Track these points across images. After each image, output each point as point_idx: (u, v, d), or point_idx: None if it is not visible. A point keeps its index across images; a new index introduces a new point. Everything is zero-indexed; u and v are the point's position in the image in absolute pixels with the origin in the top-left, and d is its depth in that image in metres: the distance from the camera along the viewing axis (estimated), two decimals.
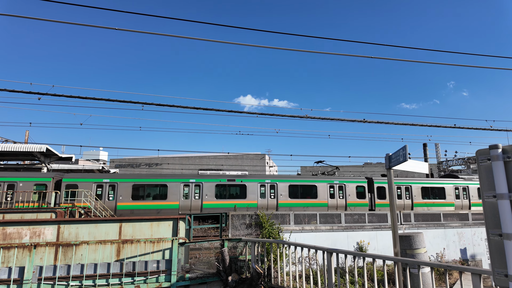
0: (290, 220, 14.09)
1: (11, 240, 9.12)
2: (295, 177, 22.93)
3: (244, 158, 49.40)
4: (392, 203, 8.27)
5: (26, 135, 33.68)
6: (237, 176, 21.42)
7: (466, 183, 24.33)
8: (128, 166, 48.56)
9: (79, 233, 9.60)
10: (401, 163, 6.98)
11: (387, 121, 16.29)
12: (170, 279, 9.22)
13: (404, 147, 6.78)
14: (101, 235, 9.70)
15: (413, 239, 8.96)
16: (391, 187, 8.31)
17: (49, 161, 24.89)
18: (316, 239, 13.22)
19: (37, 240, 9.22)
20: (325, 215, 14.99)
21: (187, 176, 20.50)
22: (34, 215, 12.57)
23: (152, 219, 10.25)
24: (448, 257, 15.21)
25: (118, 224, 9.93)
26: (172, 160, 48.35)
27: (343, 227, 14.73)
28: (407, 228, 15.56)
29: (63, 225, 9.59)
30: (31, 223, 9.50)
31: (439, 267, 6.43)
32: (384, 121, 16.23)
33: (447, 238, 15.79)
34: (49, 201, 17.90)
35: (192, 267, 9.96)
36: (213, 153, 44.17)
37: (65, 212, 14.44)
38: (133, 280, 9.04)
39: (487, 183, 3.18)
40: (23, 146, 23.04)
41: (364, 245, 14.25)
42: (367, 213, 15.63)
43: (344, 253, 7.12)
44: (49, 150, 22.55)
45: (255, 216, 13.68)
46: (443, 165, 44.74)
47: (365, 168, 50.99)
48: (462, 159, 42.30)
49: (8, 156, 24.46)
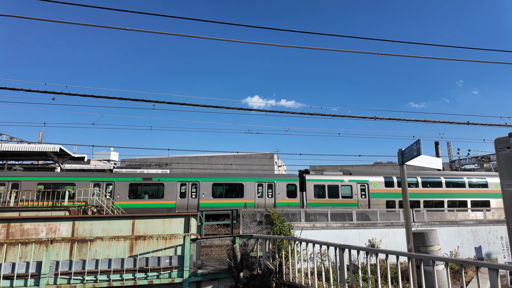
0: (301, 217, 14.06)
1: (28, 236, 9.36)
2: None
3: (253, 158, 49.44)
4: (406, 199, 8.18)
5: (40, 135, 34.45)
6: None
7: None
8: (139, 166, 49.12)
9: (93, 229, 9.79)
10: (415, 157, 6.90)
11: (398, 118, 16.12)
12: (182, 274, 9.31)
13: (418, 141, 6.70)
14: (115, 232, 9.86)
15: (427, 236, 8.83)
16: (404, 183, 8.22)
17: (62, 161, 25.42)
18: (327, 237, 13.14)
19: (53, 236, 9.43)
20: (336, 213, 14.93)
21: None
22: (49, 213, 12.85)
23: (164, 215, 10.37)
24: (463, 255, 14.94)
25: (131, 221, 10.07)
26: (181, 160, 48.70)
27: (355, 224, 14.63)
28: (419, 226, 15.35)
29: (77, 222, 9.79)
30: (47, 220, 9.72)
31: (455, 263, 6.34)
32: (396, 118, 16.06)
33: (461, 236, 15.52)
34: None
35: (204, 263, 10.04)
36: (222, 152, 44.39)
37: (79, 210, 14.74)
38: (146, 276, 9.16)
39: (507, 172, 3.12)
40: (37, 146, 23.59)
41: (376, 242, 14.12)
42: (378, 211, 15.48)
43: (357, 249, 7.07)
44: (62, 150, 23.04)
45: (265, 213, 13.71)
46: (455, 163, 43.94)
47: (375, 168, 50.44)
48: (475, 157, 41.47)
49: (23, 156, 25.06)
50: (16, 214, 12.21)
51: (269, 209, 13.70)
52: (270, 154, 49.81)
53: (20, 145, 23.64)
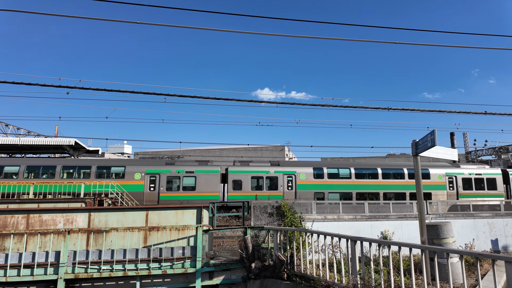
0: (312, 209, 14.06)
1: (47, 226, 9.69)
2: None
3: (264, 150, 49.45)
4: (419, 191, 8.05)
5: (56, 129, 35.30)
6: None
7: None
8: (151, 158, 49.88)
9: (108, 220, 10.05)
10: (429, 148, 6.75)
11: (412, 108, 15.76)
12: (195, 265, 9.48)
13: (433, 131, 6.54)
14: (129, 223, 10.10)
15: (441, 228, 8.67)
16: (418, 175, 8.08)
17: (78, 154, 26.02)
18: (339, 229, 13.13)
19: (70, 226, 9.73)
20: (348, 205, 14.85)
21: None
22: (66, 205, 13.24)
23: (177, 207, 10.53)
24: (478, 248, 14.67)
25: (145, 212, 10.29)
26: (193, 152, 49.17)
27: (367, 216, 14.52)
28: (433, 218, 15.12)
29: (93, 213, 10.07)
30: (64, 211, 10.03)
31: (470, 256, 6.22)
32: (410, 108, 15.69)
33: (477, 229, 15.21)
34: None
35: (216, 254, 10.18)
36: (233, 145, 44.56)
37: (94, 201, 15.11)
38: (160, 266, 9.37)
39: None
40: (54, 140, 24.20)
41: (389, 234, 14.00)
42: (391, 203, 15.31)
43: (369, 241, 7.02)
44: (78, 144, 23.55)
45: (276, 205, 13.74)
46: (471, 155, 42.84)
47: (388, 159, 49.72)
48: (492, 148, 40.30)
49: (40, 150, 25.76)
50: (35, 206, 12.62)
51: (280, 201, 13.72)
52: (281, 146, 49.70)
53: (37, 139, 24.31)
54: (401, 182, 21.86)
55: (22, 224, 9.60)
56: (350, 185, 21.25)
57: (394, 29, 8.55)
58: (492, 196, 21.70)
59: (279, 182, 20.62)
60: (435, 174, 22.18)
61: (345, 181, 21.28)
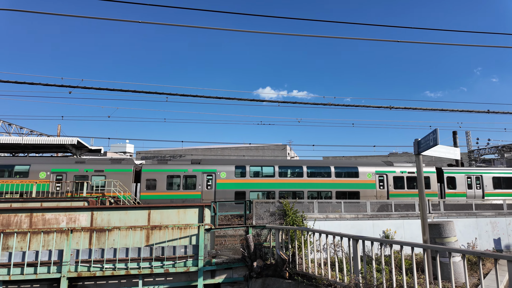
0: (314, 208, 14.05)
1: (50, 225, 9.74)
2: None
3: (266, 149, 49.48)
4: (421, 190, 8.03)
5: (58, 128, 35.43)
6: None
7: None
8: (153, 158, 50.02)
9: (110, 219, 10.09)
10: (431, 147, 6.73)
11: (414, 107, 15.71)
12: (197, 263, 9.51)
13: (435, 130, 6.52)
14: (131, 222, 10.14)
15: (443, 228, 8.67)
16: (420, 174, 8.06)
17: (80, 153, 26.11)
18: (340, 227, 13.11)
19: (73, 225, 9.78)
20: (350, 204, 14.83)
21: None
22: (69, 204, 13.30)
23: (179, 206, 10.57)
24: (481, 247, 14.61)
25: (147, 211, 10.32)
26: (195, 151, 49.25)
27: (369, 215, 14.50)
28: (436, 217, 15.08)
29: (96, 212, 10.11)
30: (67, 210, 10.08)
31: (472, 255, 6.21)
32: (412, 107, 15.65)
33: (479, 228, 15.16)
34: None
35: (218, 252, 10.21)
36: (235, 144, 44.59)
37: (96, 201, 15.19)
38: (162, 264, 9.41)
39: None
40: (56, 139, 24.29)
41: (391, 233, 13.98)
42: (393, 202, 15.27)
43: (370, 240, 7.02)
44: (80, 143, 23.62)
45: (278, 204, 13.76)
46: (474, 154, 42.65)
47: (390, 158, 49.60)
48: (495, 147, 40.11)
49: (43, 149, 25.87)
50: (38, 205, 12.69)
51: (282, 200, 13.73)
52: (282, 145, 49.69)
53: (40, 138, 24.39)
54: (327, 180, 20.95)
55: (25, 223, 9.66)
56: (274, 183, 20.28)
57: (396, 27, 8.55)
58: (426, 195, 20.94)
59: (198, 181, 19.52)
60: (364, 173, 21.30)
61: (269, 179, 20.28)
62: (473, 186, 22.38)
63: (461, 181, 22.24)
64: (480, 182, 22.52)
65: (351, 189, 20.91)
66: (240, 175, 20.43)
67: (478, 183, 22.50)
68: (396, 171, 21.72)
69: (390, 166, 22.21)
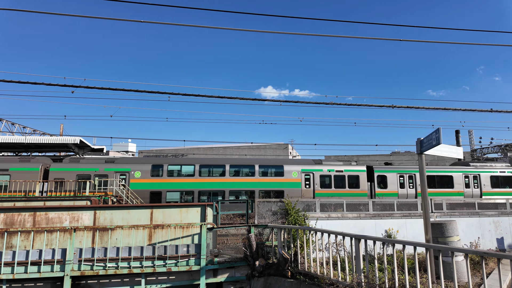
0: (316, 208, 14.05)
1: (53, 224, 9.79)
2: None
3: (267, 148, 49.48)
4: (424, 189, 8.01)
5: (61, 128, 35.58)
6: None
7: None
8: (155, 157, 50.15)
9: (113, 218, 10.12)
10: (434, 147, 6.71)
11: (417, 106, 15.66)
12: (199, 262, 9.54)
13: (438, 130, 6.50)
14: (134, 221, 10.17)
15: (446, 227, 8.63)
16: (423, 174, 8.03)
17: (83, 152, 26.21)
18: (342, 227, 13.10)
19: (76, 224, 9.83)
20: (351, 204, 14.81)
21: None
22: (71, 203, 13.37)
23: (181, 205, 10.59)
24: (483, 247, 14.56)
25: (149, 210, 10.35)
26: (197, 150, 49.33)
27: (371, 214, 14.47)
28: (438, 216, 15.03)
29: (98, 211, 10.15)
30: (70, 209, 10.13)
31: (475, 254, 6.19)
32: (414, 106, 15.59)
33: (482, 227, 15.10)
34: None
35: (220, 251, 10.23)
36: (237, 143, 44.61)
37: (99, 200, 15.25)
38: (165, 263, 9.44)
39: None
40: (59, 139, 24.38)
41: (393, 233, 13.95)
42: (396, 201, 15.24)
43: (373, 239, 7.01)
44: (83, 142, 23.69)
45: (280, 203, 13.76)
46: (477, 152, 42.47)
47: (392, 157, 49.48)
48: (498, 146, 39.91)
49: (46, 148, 25.97)
50: (41, 204, 12.76)
51: (284, 200, 13.73)
52: (284, 144, 49.67)
53: (43, 137, 24.48)
54: (251, 179, 20.21)
55: (29, 222, 9.71)
56: (193, 183, 19.43)
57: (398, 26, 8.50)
58: (355, 194, 20.25)
59: (109, 181, 18.70)
60: (290, 171, 20.64)
61: (188, 179, 19.44)
62: (405, 185, 21.74)
63: (393, 180, 21.60)
64: (413, 181, 21.92)
65: (275, 188, 20.20)
66: (156, 175, 19.66)
67: (411, 182, 21.88)
68: (323, 170, 21.04)
69: (319, 164, 21.56)
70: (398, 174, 21.89)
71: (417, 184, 21.65)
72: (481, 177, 22.31)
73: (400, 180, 21.78)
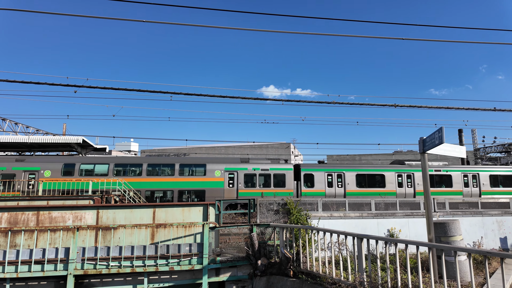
0: (318, 207, 14.04)
1: (56, 223, 9.84)
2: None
3: (269, 147, 49.49)
4: (427, 189, 7.99)
5: (64, 127, 35.73)
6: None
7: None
8: (158, 156, 50.27)
9: (116, 217, 10.17)
10: (437, 146, 6.69)
11: (420, 105, 15.59)
12: (202, 261, 9.56)
13: (440, 129, 6.48)
14: (136, 220, 10.21)
15: (448, 226, 8.60)
16: (425, 173, 8.01)
17: (85, 152, 26.32)
18: (345, 226, 13.09)
19: (79, 223, 9.88)
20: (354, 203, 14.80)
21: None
22: (74, 202, 13.43)
23: (184, 204, 10.61)
24: (487, 246, 14.50)
25: (152, 209, 10.38)
26: (199, 150, 49.42)
27: (373, 214, 14.45)
28: (441, 216, 14.98)
29: (101, 210, 10.19)
30: (73, 208, 10.18)
31: (478, 254, 6.16)
32: (417, 105, 15.53)
33: (485, 227, 15.04)
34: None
35: (223, 251, 10.25)
36: (239, 142, 44.64)
37: (101, 199, 15.31)
38: (167, 262, 9.47)
39: None
40: (62, 138, 24.49)
41: (395, 232, 13.92)
42: (398, 200, 15.21)
43: (375, 238, 7.00)
44: (85, 142, 23.79)
45: (282, 203, 13.77)
46: (480, 152, 42.27)
47: (395, 156, 49.33)
48: (502, 145, 39.71)
49: (49, 148, 26.10)
50: (45, 203, 12.83)
51: (286, 199, 13.74)
52: (286, 143, 49.66)
53: (46, 137, 24.61)
54: (169, 179, 19.46)
55: (33, 221, 9.77)
56: (107, 183, 18.45)
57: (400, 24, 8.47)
58: (280, 193, 19.59)
59: (17, 181, 17.79)
60: (212, 170, 20.03)
61: (101, 178, 18.59)
62: (334, 184, 21.51)
63: (320, 179, 21.27)
64: (342, 180, 21.67)
65: (195, 188, 19.53)
66: (68, 174, 19.07)
67: (340, 181, 21.66)
68: (248, 169, 20.49)
69: (245, 163, 21.01)
70: (326, 173, 21.54)
71: (346, 183, 21.45)
72: (415, 176, 22.16)
73: (328, 179, 21.45)
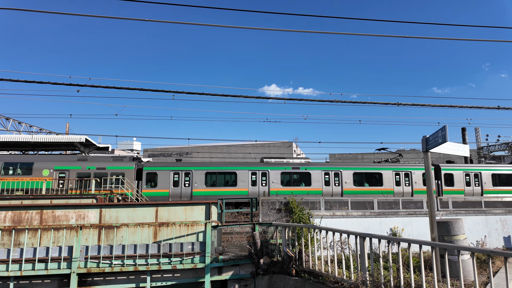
0: (321, 206, 14.02)
1: (60, 222, 9.90)
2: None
3: (271, 146, 49.48)
4: (430, 187, 7.95)
5: (67, 127, 35.88)
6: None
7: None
8: (160, 155, 50.40)
9: (119, 216, 10.21)
10: (440, 144, 6.65)
11: (423, 104, 15.50)
12: (204, 260, 9.58)
13: (444, 127, 6.44)
14: (139, 219, 10.25)
15: (452, 225, 8.56)
16: (428, 171, 7.98)
17: (88, 151, 26.42)
18: (347, 225, 13.06)
19: (82, 222, 9.93)
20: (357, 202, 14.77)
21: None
22: (77, 200, 13.50)
23: (186, 203, 10.64)
24: (490, 245, 14.41)
25: (155, 208, 10.42)
26: (201, 149, 49.47)
27: (376, 213, 14.42)
28: (444, 214, 14.92)
29: (104, 209, 10.24)
30: (76, 207, 10.23)
31: (481, 253, 6.14)
32: (420, 104, 15.44)
33: (489, 226, 14.95)
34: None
35: (225, 249, 10.27)
36: (241, 141, 44.66)
37: (105, 198, 15.38)
38: (170, 261, 9.50)
39: None
40: (65, 137, 24.59)
41: (398, 231, 13.87)
42: (401, 199, 15.16)
43: (378, 237, 6.99)
44: (88, 141, 23.87)
45: (284, 202, 13.77)
46: (483, 150, 42.04)
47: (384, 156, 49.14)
48: (505, 143, 39.47)
49: (52, 147, 26.22)
50: (48, 202, 12.90)
51: (288, 198, 13.72)
52: (288, 142, 49.61)
53: (49, 136, 24.75)
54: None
55: (36, 220, 9.83)
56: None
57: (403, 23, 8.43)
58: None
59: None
60: (40, 169, 19.37)
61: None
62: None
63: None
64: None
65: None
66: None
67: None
68: (82, 167, 19.83)
69: (83, 161, 20.26)
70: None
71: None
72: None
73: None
